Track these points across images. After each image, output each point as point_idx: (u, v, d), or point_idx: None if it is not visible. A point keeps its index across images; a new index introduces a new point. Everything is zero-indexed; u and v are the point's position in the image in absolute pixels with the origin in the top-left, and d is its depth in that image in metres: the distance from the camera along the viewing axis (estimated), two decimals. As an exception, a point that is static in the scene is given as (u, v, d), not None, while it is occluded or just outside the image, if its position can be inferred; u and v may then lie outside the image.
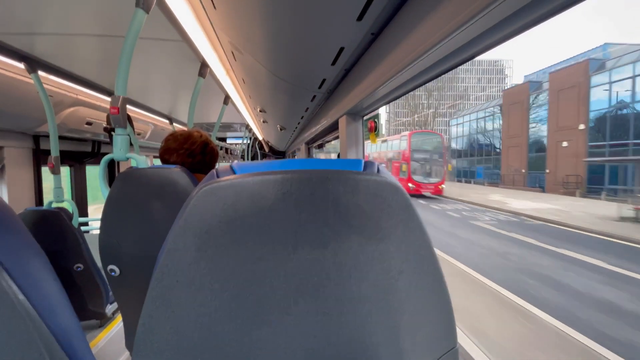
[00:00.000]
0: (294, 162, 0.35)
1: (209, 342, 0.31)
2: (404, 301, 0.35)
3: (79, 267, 1.68)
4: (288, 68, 1.19)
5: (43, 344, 0.32)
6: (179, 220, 0.31)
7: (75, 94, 1.99)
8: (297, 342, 0.32)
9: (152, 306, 0.31)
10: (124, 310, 1.14)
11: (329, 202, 0.32)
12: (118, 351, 1.90)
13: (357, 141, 1.42)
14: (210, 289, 0.31)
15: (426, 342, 0.37)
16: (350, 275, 0.33)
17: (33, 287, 0.33)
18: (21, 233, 0.36)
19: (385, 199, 0.34)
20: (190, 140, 1.10)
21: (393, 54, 0.73)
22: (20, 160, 2.09)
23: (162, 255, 0.31)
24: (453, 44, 0.56)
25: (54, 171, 1.76)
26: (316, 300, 0.32)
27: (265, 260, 0.31)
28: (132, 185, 0.96)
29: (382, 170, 0.36)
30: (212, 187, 0.31)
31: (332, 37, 0.83)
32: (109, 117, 1.10)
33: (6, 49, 1.37)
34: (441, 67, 0.69)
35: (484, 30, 0.51)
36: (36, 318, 0.32)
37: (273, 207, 0.31)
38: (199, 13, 1.13)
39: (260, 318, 0.32)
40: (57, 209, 1.62)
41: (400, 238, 0.35)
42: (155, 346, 0.31)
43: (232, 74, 1.96)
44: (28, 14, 1.14)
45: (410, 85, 0.86)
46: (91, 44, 1.41)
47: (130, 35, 1.02)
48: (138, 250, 0.97)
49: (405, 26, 0.66)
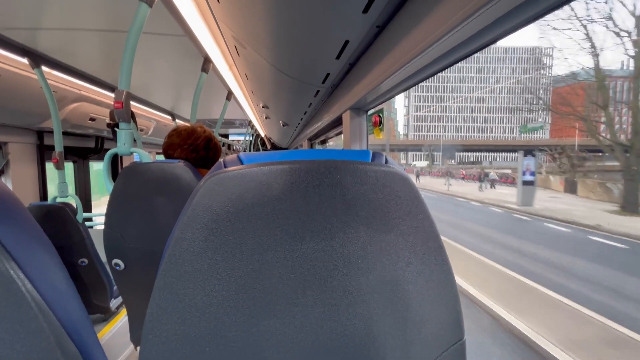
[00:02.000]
0: (302, 152, 0.34)
1: (216, 332, 0.31)
2: (411, 293, 0.35)
3: (83, 262, 1.69)
4: (291, 62, 1.18)
5: (52, 333, 0.32)
6: (186, 210, 0.31)
7: (78, 89, 1.99)
8: (304, 333, 0.32)
9: (160, 296, 0.31)
10: (128, 304, 1.14)
11: (337, 192, 0.32)
12: (123, 345, 1.92)
13: (361, 136, 1.41)
14: (217, 279, 0.31)
15: (433, 334, 0.37)
16: (358, 266, 0.33)
17: (41, 277, 0.33)
18: (29, 224, 0.36)
19: (394, 190, 0.33)
20: (194, 136, 1.10)
21: (399, 47, 0.72)
22: (24, 155, 2.10)
23: (169, 245, 0.31)
24: (462, 35, 0.55)
25: (58, 166, 1.77)
26: (323, 291, 0.32)
27: (272, 250, 0.31)
28: (136, 180, 0.96)
29: (390, 161, 0.36)
30: (219, 177, 0.31)
31: (337, 30, 0.82)
32: (112, 113, 1.10)
33: (9, 44, 1.37)
34: (449, 59, 0.68)
35: (493, 20, 0.50)
36: (44, 307, 0.32)
37: (280, 197, 0.31)
38: (202, 6, 1.12)
39: (268, 309, 0.32)
40: (62, 204, 1.63)
41: (408, 229, 0.34)
42: (163, 336, 0.31)
43: (234, 69, 1.96)
44: (31, 9, 1.13)
45: (416, 78, 0.85)
46: (95, 39, 1.40)
47: (133, 28, 1.01)
48: (142, 244, 0.98)
49: (412, 18, 0.65)
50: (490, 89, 63.00)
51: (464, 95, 63.62)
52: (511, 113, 61.24)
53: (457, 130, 65.02)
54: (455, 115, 64.35)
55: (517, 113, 58.42)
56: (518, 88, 59.31)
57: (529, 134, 55.76)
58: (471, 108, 64.60)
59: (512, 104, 60.66)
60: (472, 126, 64.37)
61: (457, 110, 64.01)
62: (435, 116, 64.34)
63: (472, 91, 63.48)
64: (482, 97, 63.56)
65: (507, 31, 0.56)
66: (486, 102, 63.77)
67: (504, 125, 64.38)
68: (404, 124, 69.46)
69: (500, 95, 63.28)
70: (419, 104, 65.07)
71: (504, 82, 61.82)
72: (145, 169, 0.95)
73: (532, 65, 58.58)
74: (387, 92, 1.05)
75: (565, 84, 31.66)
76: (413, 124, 65.07)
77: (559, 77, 41.27)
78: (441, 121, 64.78)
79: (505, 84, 61.74)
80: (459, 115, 64.60)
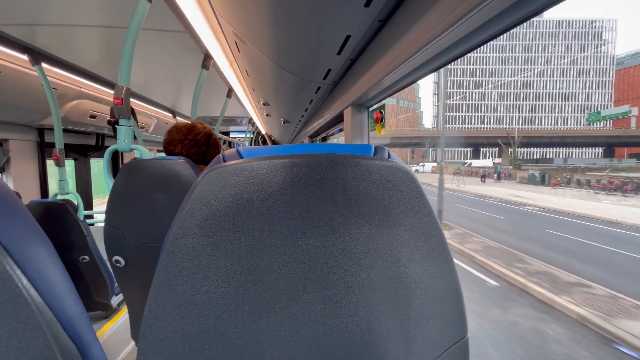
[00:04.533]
0: (303, 146, 0.34)
1: (215, 329, 0.31)
2: (414, 289, 0.34)
3: (84, 259, 1.69)
4: (292, 58, 1.17)
5: (49, 329, 0.31)
6: (185, 206, 0.30)
7: (78, 86, 1.99)
8: (304, 330, 0.32)
9: (158, 293, 0.30)
10: (129, 301, 1.14)
11: (338, 187, 0.31)
12: (124, 342, 1.92)
13: (362, 133, 1.40)
14: (216, 275, 0.30)
15: (436, 331, 0.36)
16: (359, 262, 0.32)
17: (38, 273, 0.33)
18: (26, 220, 0.36)
19: (396, 185, 0.33)
20: (194, 131, 1.10)
21: (401, 41, 0.71)
22: (25, 153, 2.10)
23: (167, 241, 0.30)
24: (466, 28, 0.54)
25: (58, 163, 1.77)
26: (324, 288, 0.32)
27: (272, 246, 0.31)
28: (136, 176, 0.96)
29: (393, 155, 0.35)
30: (218, 171, 0.30)
31: (338, 24, 0.81)
32: (112, 111, 1.09)
33: (9, 41, 1.36)
34: (453, 53, 0.67)
35: (497, 13, 0.49)
36: (41, 304, 0.32)
37: (281, 192, 0.30)
38: (201, 2, 1.11)
39: (268, 305, 0.31)
40: (63, 201, 1.63)
41: (410, 225, 0.34)
42: (161, 332, 0.31)
43: (235, 66, 1.95)
44: (31, 5, 1.13)
45: (418, 74, 0.84)
46: (95, 36, 1.39)
47: (133, 24, 1.00)
48: (142, 241, 0.98)
49: (415, 11, 0.64)
50: (538, 71, 50.54)
51: (506, 80, 50.45)
52: (564, 100, 49.38)
53: (497, 121, 52.01)
54: (496, 103, 50.93)
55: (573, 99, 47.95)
56: (574, 69, 47.66)
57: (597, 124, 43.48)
58: (515, 94, 51.12)
59: (566, 89, 49.64)
60: (516, 116, 51.98)
61: (497, 98, 50.55)
62: (470, 105, 51.07)
63: (517, 74, 50.08)
64: (528, 82, 50.23)
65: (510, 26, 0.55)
66: (534, 86, 51.05)
67: (555, 114, 51.06)
68: (432, 114, 56.83)
69: (552, 79, 50.53)
70: (451, 90, 51.75)
71: (556, 62, 49.60)
72: (146, 166, 0.94)
73: (592, 42, 47.81)
74: (389, 87, 1.04)
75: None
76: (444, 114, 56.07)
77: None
78: (478, 110, 51.60)
79: (557, 65, 49.54)
80: (500, 104, 51.10)
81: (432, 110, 59.57)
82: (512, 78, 49.71)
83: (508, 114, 51.71)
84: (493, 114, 52.35)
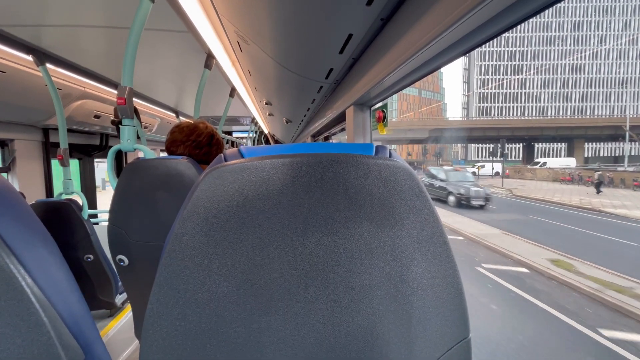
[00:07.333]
0: (304, 146, 0.34)
1: (217, 328, 0.31)
2: (415, 289, 0.34)
3: (89, 258, 1.71)
4: (294, 57, 1.17)
5: (52, 327, 0.32)
6: (186, 205, 0.30)
7: (83, 86, 2.00)
8: (305, 330, 0.32)
9: (160, 291, 0.31)
10: (133, 300, 1.15)
11: (340, 186, 0.31)
12: (128, 340, 1.94)
13: (364, 132, 1.40)
14: (218, 274, 0.30)
15: (438, 331, 0.36)
16: (361, 262, 0.32)
17: (42, 271, 0.33)
18: (29, 219, 0.36)
19: (398, 184, 0.33)
20: (196, 132, 1.10)
21: (404, 40, 0.71)
22: (30, 152, 2.12)
23: (169, 240, 0.31)
24: (469, 26, 0.54)
25: (63, 163, 1.79)
26: (326, 287, 0.32)
27: (274, 245, 0.31)
28: (139, 176, 0.96)
29: (394, 154, 0.35)
30: (219, 170, 0.30)
31: (340, 23, 0.81)
32: (116, 111, 1.10)
33: (14, 42, 1.37)
34: (456, 51, 0.67)
35: (501, 10, 0.49)
36: (45, 302, 0.32)
37: (282, 191, 0.30)
38: (204, 2, 1.11)
39: (269, 304, 0.31)
40: (67, 200, 1.64)
41: (412, 224, 0.33)
42: (163, 331, 0.31)
43: (237, 66, 1.95)
44: (35, 7, 1.13)
45: (421, 72, 0.83)
46: (99, 36, 1.40)
47: (136, 24, 1.01)
48: (146, 240, 0.98)
49: (418, 9, 0.63)
50: (591, 53, 40.59)
51: (552, 63, 41.01)
52: (623, 86, 39.97)
53: (541, 112, 42.64)
54: (539, 91, 41.49)
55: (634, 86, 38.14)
56: (634, 51, 38.94)
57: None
58: (563, 81, 41.77)
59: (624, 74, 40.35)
60: (564, 106, 42.53)
61: (541, 85, 40.72)
62: (508, 94, 40.80)
63: (565, 57, 40.63)
64: (578, 65, 41.01)
65: (514, 23, 0.54)
66: (585, 71, 41.61)
67: (610, 103, 41.80)
68: (462, 105, 45.39)
69: (607, 62, 41.10)
70: (485, 77, 42.94)
71: (613, 41, 39.65)
72: (149, 165, 0.95)
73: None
74: (391, 86, 1.04)
75: None
76: (476, 105, 42.32)
77: None
78: (517, 100, 42.70)
79: (614, 45, 39.93)
80: (544, 92, 42.06)
81: (461, 101, 46.74)
82: (559, 61, 40.35)
83: (554, 104, 41.85)
84: (535, 104, 43.41)
